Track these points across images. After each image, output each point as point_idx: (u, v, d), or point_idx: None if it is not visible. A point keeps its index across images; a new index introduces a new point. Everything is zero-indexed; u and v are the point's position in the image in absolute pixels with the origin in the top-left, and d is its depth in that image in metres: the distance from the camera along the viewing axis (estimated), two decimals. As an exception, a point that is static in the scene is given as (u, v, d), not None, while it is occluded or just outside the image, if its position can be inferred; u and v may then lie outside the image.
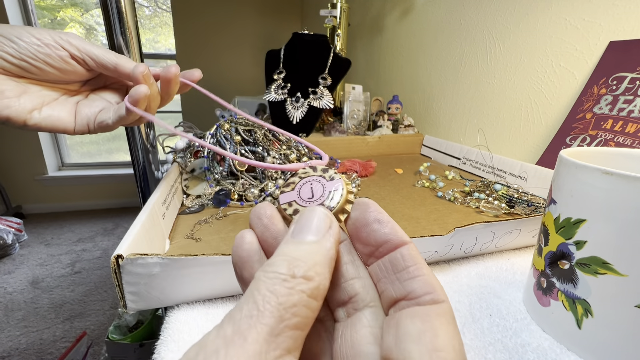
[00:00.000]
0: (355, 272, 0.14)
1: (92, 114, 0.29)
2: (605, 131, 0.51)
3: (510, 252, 0.41)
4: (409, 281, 0.12)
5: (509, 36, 0.68)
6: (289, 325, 0.10)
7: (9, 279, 1.50)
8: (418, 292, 0.11)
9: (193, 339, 0.26)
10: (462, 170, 0.72)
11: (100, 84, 0.32)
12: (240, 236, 0.14)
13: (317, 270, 0.11)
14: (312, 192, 0.15)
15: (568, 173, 0.25)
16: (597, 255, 0.23)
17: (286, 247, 0.12)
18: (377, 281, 0.13)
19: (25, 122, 0.26)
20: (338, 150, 0.80)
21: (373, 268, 0.14)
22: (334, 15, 1.03)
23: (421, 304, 0.11)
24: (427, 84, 0.94)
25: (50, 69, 0.27)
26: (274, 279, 0.10)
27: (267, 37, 2.10)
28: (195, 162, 0.54)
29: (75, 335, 1.19)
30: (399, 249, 0.13)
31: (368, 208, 0.14)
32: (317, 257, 0.11)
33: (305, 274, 0.11)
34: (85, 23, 2.25)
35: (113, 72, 0.29)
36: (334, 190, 0.15)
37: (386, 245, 0.13)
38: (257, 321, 0.09)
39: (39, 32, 0.26)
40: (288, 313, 0.10)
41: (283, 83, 0.83)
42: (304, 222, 0.13)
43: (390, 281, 0.12)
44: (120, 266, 0.25)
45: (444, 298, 0.11)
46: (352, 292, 0.13)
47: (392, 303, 0.12)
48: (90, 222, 2.12)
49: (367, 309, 0.13)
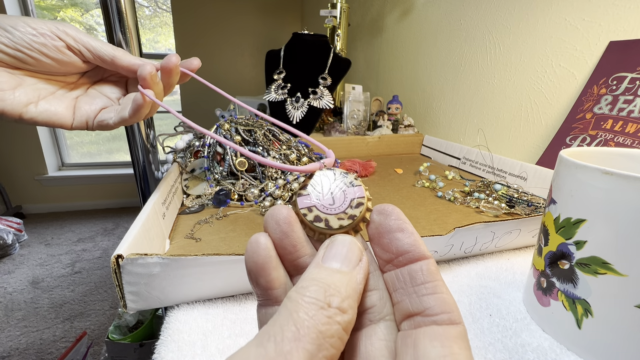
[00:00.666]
0: (375, 283, 0.13)
1: (92, 111, 0.29)
2: (605, 131, 0.51)
3: (510, 252, 0.41)
4: (426, 297, 0.12)
5: (509, 36, 0.68)
6: (327, 355, 0.09)
7: (9, 279, 1.50)
8: (435, 309, 0.11)
9: (193, 339, 0.26)
10: (462, 170, 0.72)
11: (98, 76, 0.31)
12: (255, 241, 0.14)
13: (350, 304, 0.11)
14: (333, 198, 0.15)
15: (568, 173, 0.25)
16: (597, 255, 0.23)
17: (318, 273, 0.12)
18: (393, 291, 0.13)
19: (21, 115, 0.26)
20: (338, 150, 0.80)
21: (389, 276, 0.13)
22: (334, 15, 1.03)
23: (438, 323, 0.11)
24: (427, 84, 0.94)
25: (46, 59, 0.26)
26: (312, 304, 0.10)
27: (267, 37, 2.10)
28: (195, 162, 0.54)
29: (75, 335, 1.19)
30: (420, 262, 0.13)
31: (391, 215, 0.14)
32: (349, 289, 0.11)
33: (340, 305, 0.11)
34: (85, 23, 2.25)
35: (110, 65, 0.28)
36: (356, 198, 0.15)
37: (407, 255, 0.13)
38: (298, 345, 0.09)
39: (35, 21, 0.25)
40: (327, 343, 0.10)
41: (283, 83, 0.83)
42: (335, 249, 0.13)
43: (407, 293, 0.12)
44: (121, 266, 0.25)
45: (460, 320, 0.11)
46: (370, 304, 0.13)
47: (407, 316, 0.12)
48: (90, 222, 2.12)
49: (382, 322, 0.13)
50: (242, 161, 0.51)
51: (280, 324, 0.10)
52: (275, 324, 0.10)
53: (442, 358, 0.10)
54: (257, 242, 0.14)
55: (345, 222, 0.14)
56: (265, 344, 0.09)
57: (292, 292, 0.11)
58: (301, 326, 0.09)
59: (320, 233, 0.14)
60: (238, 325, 0.28)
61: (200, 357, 0.24)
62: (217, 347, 0.25)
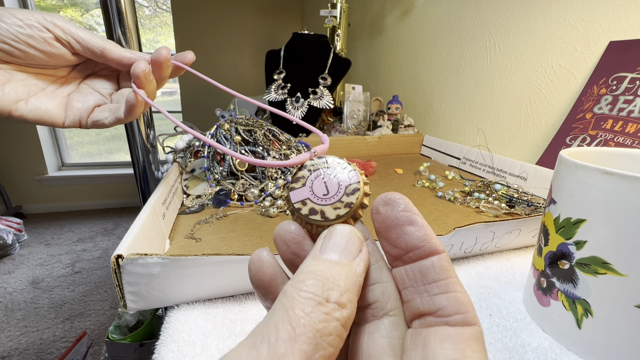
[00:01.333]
0: (378, 276, 0.13)
1: (85, 109, 0.28)
2: (605, 131, 0.51)
3: (510, 252, 0.41)
4: (439, 296, 0.11)
5: (509, 36, 0.68)
6: (324, 355, 0.09)
7: (9, 279, 1.50)
8: (449, 310, 0.11)
9: (193, 339, 0.26)
10: (462, 170, 0.72)
11: (89, 70, 0.30)
12: (257, 259, 0.13)
13: (350, 298, 0.10)
14: (327, 187, 0.14)
15: (568, 173, 0.25)
16: (597, 255, 0.23)
17: (316, 265, 0.11)
18: (403, 288, 0.12)
19: (10, 113, 0.25)
20: (338, 150, 0.80)
21: (399, 272, 0.12)
22: (334, 15, 1.03)
23: (451, 324, 0.10)
24: (427, 84, 0.94)
25: (34, 51, 0.25)
26: (309, 299, 0.10)
27: (267, 37, 2.10)
28: (195, 162, 0.54)
29: (75, 335, 1.19)
30: (431, 258, 0.12)
31: (399, 206, 0.12)
32: (348, 282, 0.11)
33: (339, 300, 0.10)
34: (85, 23, 2.25)
35: (100, 58, 0.27)
36: (350, 184, 0.14)
37: (417, 251, 0.12)
38: (294, 346, 0.09)
39: (22, 12, 0.25)
40: (324, 342, 0.09)
41: (283, 83, 0.83)
42: (334, 240, 0.12)
43: (419, 292, 0.12)
44: (121, 266, 0.25)
45: (476, 321, 0.11)
46: (372, 299, 0.12)
47: (418, 316, 0.11)
48: (90, 222, 2.12)
49: (386, 317, 0.12)
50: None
51: (275, 323, 0.09)
52: (269, 322, 0.09)
53: None
54: (260, 260, 0.13)
55: (342, 211, 0.13)
56: (258, 346, 0.09)
57: (287, 287, 0.10)
58: (297, 325, 0.09)
59: (318, 226, 0.14)
60: (238, 325, 0.28)
61: (200, 357, 0.24)
62: (217, 347, 0.25)
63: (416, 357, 0.10)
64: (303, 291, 0.10)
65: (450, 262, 0.12)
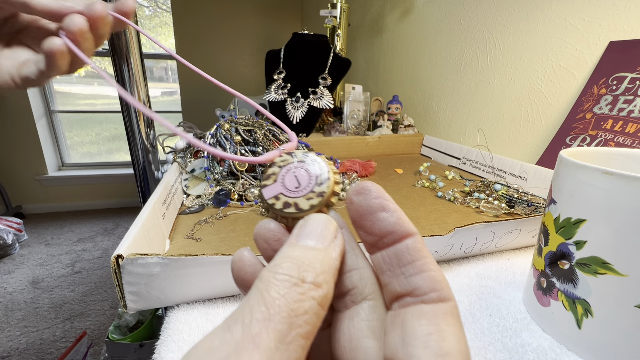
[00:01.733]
0: (354, 263, 0.13)
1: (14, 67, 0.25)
2: (605, 131, 0.51)
3: (510, 252, 0.41)
4: (414, 277, 0.11)
5: (509, 36, 0.68)
6: (301, 333, 0.09)
7: (9, 279, 1.50)
8: (424, 288, 0.11)
9: (193, 339, 0.26)
10: (462, 170, 0.72)
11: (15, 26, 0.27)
12: (239, 259, 0.14)
13: (326, 278, 0.11)
14: (298, 180, 0.14)
15: (568, 173, 0.25)
16: (597, 255, 0.23)
17: (292, 251, 0.11)
18: (381, 273, 0.13)
19: None
20: (338, 150, 0.80)
21: (376, 258, 0.13)
22: (334, 15, 1.03)
23: (427, 302, 0.11)
24: (427, 84, 0.94)
25: None
26: (284, 281, 0.10)
27: (267, 37, 2.10)
28: (195, 162, 0.54)
29: (75, 335, 1.19)
30: (405, 241, 0.12)
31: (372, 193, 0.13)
32: (324, 265, 0.11)
33: (315, 280, 0.10)
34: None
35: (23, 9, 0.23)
36: (320, 174, 0.14)
37: (391, 236, 0.12)
38: (268, 325, 0.09)
39: None
40: (300, 320, 0.09)
41: (283, 83, 0.83)
42: (309, 228, 0.12)
43: (395, 275, 0.12)
44: (121, 266, 0.25)
45: (450, 296, 0.11)
46: (350, 285, 0.13)
47: (396, 298, 0.12)
48: (90, 222, 2.12)
49: (365, 302, 0.12)
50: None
51: (250, 306, 0.09)
52: (245, 306, 0.09)
53: (429, 336, 0.10)
54: (241, 259, 0.14)
55: (315, 201, 0.14)
56: (232, 328, 0.09)
57: (264, 272, 0.10)
58: (271, 305, 0.09)
59: (294, 218, 0.14)
60: (238, 325, 0.28)
61: (200, 357, 0.24)
62: (217, 347, 0.25)
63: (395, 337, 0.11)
64: (279, 274, 0.10)
65: (424, 242, 0.12)
